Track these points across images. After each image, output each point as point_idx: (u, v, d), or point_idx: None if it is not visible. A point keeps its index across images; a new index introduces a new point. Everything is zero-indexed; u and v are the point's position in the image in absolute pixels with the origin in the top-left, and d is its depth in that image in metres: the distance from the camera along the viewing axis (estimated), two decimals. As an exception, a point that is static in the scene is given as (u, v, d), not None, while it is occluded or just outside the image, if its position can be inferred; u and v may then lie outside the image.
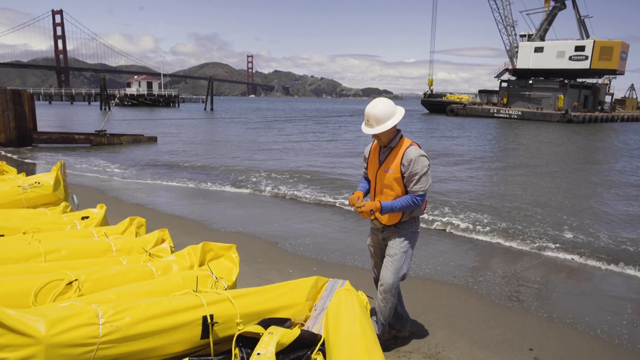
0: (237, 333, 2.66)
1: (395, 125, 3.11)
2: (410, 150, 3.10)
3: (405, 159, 3.08)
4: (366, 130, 3.12)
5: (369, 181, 3.46)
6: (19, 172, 6.71)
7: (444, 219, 8.17)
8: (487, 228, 7.73)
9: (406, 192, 3.17)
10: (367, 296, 3.35)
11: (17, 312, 2.28)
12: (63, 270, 3.11)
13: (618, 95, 76.32)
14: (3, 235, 4.01)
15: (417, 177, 3.08)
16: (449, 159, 17.00)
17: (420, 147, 3.17)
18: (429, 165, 3.12)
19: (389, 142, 3.18)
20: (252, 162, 15.77)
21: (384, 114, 3.04)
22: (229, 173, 13.29)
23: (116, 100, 51.93)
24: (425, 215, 8.23)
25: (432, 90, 69.40)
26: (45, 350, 2.20)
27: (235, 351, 2.58)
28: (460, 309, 4.62)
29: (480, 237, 7.32)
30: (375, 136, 3.17)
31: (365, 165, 3.47)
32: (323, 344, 2.80)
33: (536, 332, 4.16)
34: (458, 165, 14.80)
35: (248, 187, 11.23)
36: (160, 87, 74.48)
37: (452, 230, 7.65)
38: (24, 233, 4.09)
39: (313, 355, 2.78)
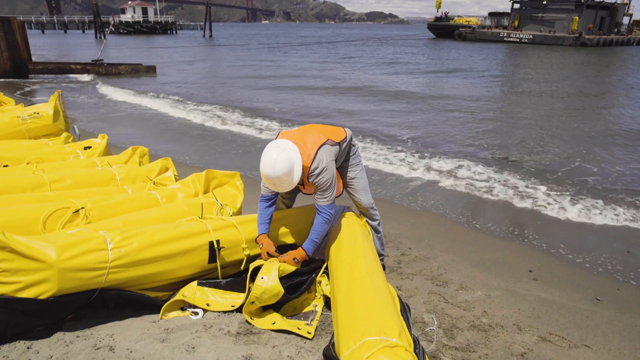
0: (252, 267, 2.70)
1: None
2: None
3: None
4: (277, 189, 2.72)
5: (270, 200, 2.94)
6: (17, 104, 6.59)
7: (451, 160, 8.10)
8: (490, 164, 7.69)
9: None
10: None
11: (27, 238, 2.31)
12: (69, 198, 3.13)
13: (637, 16, 72.39)
14: (7, 166, 4.01)
15: (322, 189, 2.74)
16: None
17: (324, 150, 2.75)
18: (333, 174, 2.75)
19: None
20: (259, 94, 15.43)
21: (287, 170, 2.58)
22: (233, 105, 13.05)
23: (111, 27, 49.81)
24: (430, 159, 8.21)
25: (446, 14, 65.40)
26: (57, 274, 2.26)
27: (249, 285, 2.65)
28: (462, 234, 4.71)
29: (484, 173, 7.29)
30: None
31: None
32: (327, 267, 2.88)
33: (536, 256, 4.26)
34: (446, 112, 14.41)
35: (250, 117, 11.08)
36: (156, 13, 71.28)
37: (456, 169, 7.62)
38: (27, 163, 4.08)
39: (318, 278, 2.87)
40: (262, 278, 2.56)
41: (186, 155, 7.40)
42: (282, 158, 2.56)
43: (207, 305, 2.66)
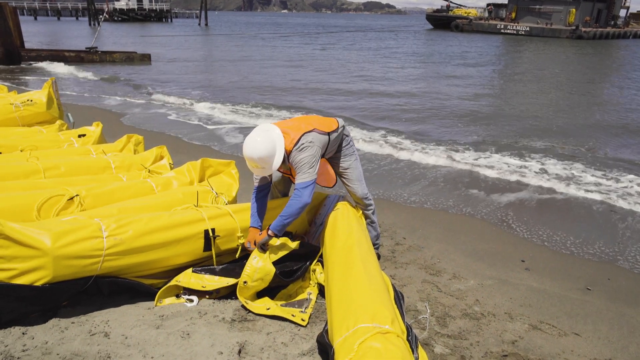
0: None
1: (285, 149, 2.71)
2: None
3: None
4: (260, 172, 2.76)
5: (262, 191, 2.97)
6: (9, 91, 6.52)
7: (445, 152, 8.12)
8: (488, 157, 7.71)
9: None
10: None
11: (21, 225, 2.31)
12: (63, 186, 3.12)
13: (634, 8, 72.19)
14: (0, 153, 3.98)
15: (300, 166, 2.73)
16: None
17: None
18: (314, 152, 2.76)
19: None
20: (252, 82, 15.35)
21: (268, 152, 2.62)
22: (229, 93, 12.98)
23: (105, 15, 49.01)
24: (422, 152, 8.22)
25: (448, 5, 64.96)
26: (52, 262, 2.26)
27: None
28: (456, 224, 4.74)
29: (479, 169, 7.32)
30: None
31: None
32: (321, 256, 2.90)
33: (528, 246, 4.31)
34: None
35: (247, 105, 11.04)
36: (150, 1, 70.38)
37: (451, 159, 7.64)
38: (21, 151, 4.06)
39: (312, 266, 2.89)
40: (255, 258, 2.62)
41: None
42: (264, 140, 2.63)
43: (203, 287, 2.66)
